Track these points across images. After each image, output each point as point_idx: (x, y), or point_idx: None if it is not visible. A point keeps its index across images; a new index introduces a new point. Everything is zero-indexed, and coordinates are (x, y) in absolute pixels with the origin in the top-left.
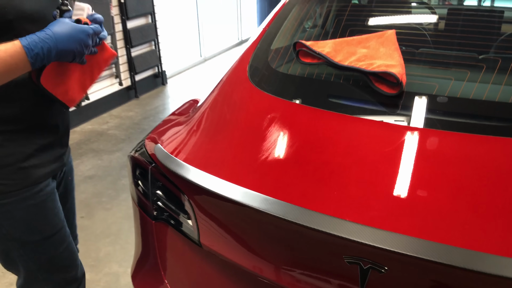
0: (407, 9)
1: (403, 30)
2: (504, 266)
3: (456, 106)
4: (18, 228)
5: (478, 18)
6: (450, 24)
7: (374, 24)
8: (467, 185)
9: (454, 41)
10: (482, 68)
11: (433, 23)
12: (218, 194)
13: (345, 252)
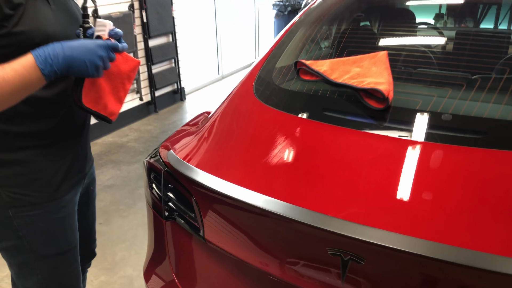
0: (408, 32)
1: (403, 52)
2: (459, 255)
3: (435, 120)
4: (38, 240)
5: (471, 42)
6: (444, 47)
7: (372, 46)
8: (435, 185)
9: (445, 63)
10: (462, 87)
11: (431, 46)
12: (222, 194)
13: (328, 245)
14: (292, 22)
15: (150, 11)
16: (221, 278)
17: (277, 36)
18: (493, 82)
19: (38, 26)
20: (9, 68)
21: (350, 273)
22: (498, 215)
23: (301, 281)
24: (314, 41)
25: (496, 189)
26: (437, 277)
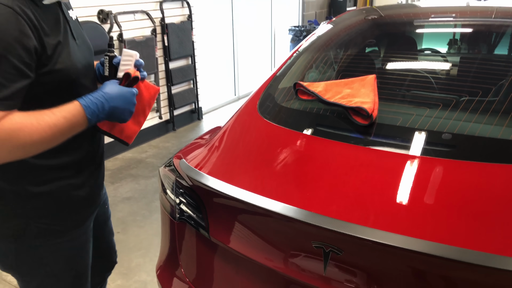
0: (399, 59)
1: (393, 76)
2: (411, 244)
3: (409, 134)
4: (59, 266)
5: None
6: (431, 73)
7: (365, 70)
8: (403, 186)
9: (430, 86)
10: (438, 107)
11: (422, 72)
12: (227, 196)
13: (312, 239)
14: (296, 48)
15: (171, 36)
16: (224, 272)
17: (283, 61)
18: (465, 103)
19: (72, 63)
20: (60, 115)
21: (332, 262)
22: (457, 211)
23: (291, 271)
24: (313, 65)
25: (457, 192)
26: (400, 264)
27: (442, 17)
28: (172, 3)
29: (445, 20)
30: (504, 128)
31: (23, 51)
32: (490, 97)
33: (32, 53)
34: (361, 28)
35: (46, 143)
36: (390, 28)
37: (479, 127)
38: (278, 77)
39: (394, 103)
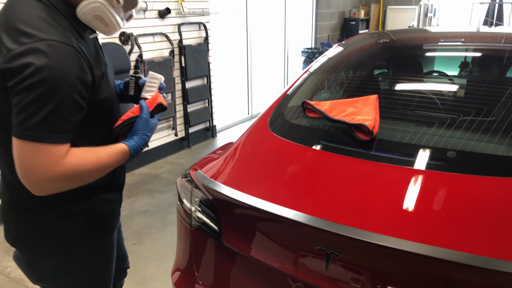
0: (401, 81)
1: (399, 96)
2: (403, 245)
3: (406, 149)
4: (89, 275)
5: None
6: (436, 93)
7: (368, 91)
8: (397, 194)
9: (429, 106)
10: (434, 124)
11: (422, 93)
12: (239, 202)
13: (316, 242)
14: (306, 69)
15: (188, 57)
16: (235, 274)
17: (292, 81)
18: (458, 122)
19: (111, 90)
20: (113, 154)
21: (333, 263)
22: (444, 216)
23: (296, 271)
24: (322, 86)
25: (443, 199)
26: (393, 264)
27: (448, 42)
28: (190, 26)
29: (451, 44)
30: (493, 144)
31: (82, 86)
32: (481, 117)
33: (89, 87)
34: (369, 51)
35: (99, 176)
36: (397, 51)
37: (470, 144)
38: (288, 96)
39: (394, 121)
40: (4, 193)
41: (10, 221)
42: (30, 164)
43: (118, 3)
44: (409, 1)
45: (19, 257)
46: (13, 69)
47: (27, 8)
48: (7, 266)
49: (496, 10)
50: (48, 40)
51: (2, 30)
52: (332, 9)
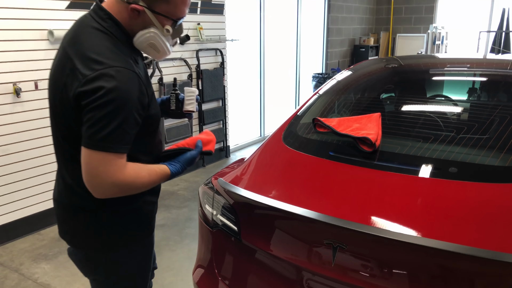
0: (402, 103)
1: (400, 116)
2: (398, 236)
3: (405, 160)
4: (134, 269)
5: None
6: (437, 114)
7: (374, 110)
8: (393, 196)
9: (429, 125)
10: (429, 139)
11: (423, 113)
12: (257, 203)
13: (324, 237)
14: (316, 91)
15: (205, 80)
16: (252, 269)
17: (304, 101)
18: (450, 138)
19: (158, 107)
20: (159, 172)
21: (339, 255)
22: (430, 212)
23: (306, 263)
24: (330, 106)
25: (432, 199)
26: (390, 253)
27: (452, 68)
28: (207, 51)
29: (454, 70)
30: (471, 155)
31: (140, 106)
32: (470, 134)
33: (145, 106)
34: (375, 74)
35: (145, 189)
36: (401, 75)
37: (460, 156)
38: (299, 115)
39: (396, 137)
40: (64, 196)
41: (68, 221)
42: (98, 170)
43: (168, 32)
44: (418, 29)
45: (74, 253)
46: (88, 91)
47: (95, 39)
48: (35, 273)
49: (503, 38)
50: (115, 66)
51: (75, 58)
52: (343, 36)
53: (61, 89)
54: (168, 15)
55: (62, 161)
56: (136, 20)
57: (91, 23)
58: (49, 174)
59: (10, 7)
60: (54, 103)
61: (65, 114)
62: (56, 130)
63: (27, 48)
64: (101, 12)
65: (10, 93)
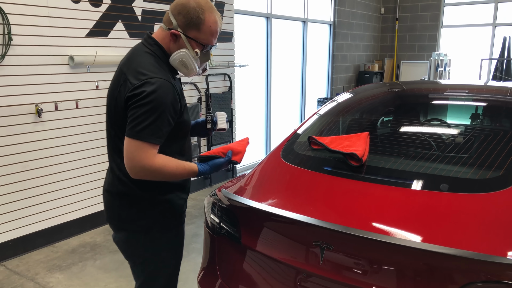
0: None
1: (401, 136)
2: (376, 236)
3: (386, 172)
4: (168, 254)
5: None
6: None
7: (364, 130)
8: (372, 203)
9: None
10: (411, 155)
11: (418, 134)
12: (257, 209)
13: (314, 239)
14: (314, 112)
15: (214, 104)
16: (251, 270)
17: (302, 122)
18: (429, 155)
19: (189, 118)
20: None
21: (326, 255)
22: (401, 215)
23: (298, 263)
24: (325, 125)
25: (404, 206)
26: (369, 252)
27: (443, 93)
28: (216, 76)
29: (445, 95)
30: (438, 169)
31: (173, 110)
32: (442, 152)
33: (177, 111)
34: (369, 97)
35: (173, 178)
36: (397, 99)
37: (436, 170)
38: (297, 134)
39: (381, 154)
40: (113, 185)
41: (114, 207)
42: (133, 155)
43: (196, 55)
44: (421, 56)
45: (118, 237)
46: (133, 95)
47: (144, 59)
48: (49, 282)
49: (505, 65)
50: (156, 77)
51: (127, 73)
52: (348, 63)
53: (116, 96)
54: (198, 40)
55: (112, 156)
56: (174, 43)
57: (142, 48)
58: (64, 190)
59: (35, 35)
60: (110, 108)
61: (116, 115)
62: (110, 129)
63: (49, 72)
64: (150, 39)
65: (32, 113)
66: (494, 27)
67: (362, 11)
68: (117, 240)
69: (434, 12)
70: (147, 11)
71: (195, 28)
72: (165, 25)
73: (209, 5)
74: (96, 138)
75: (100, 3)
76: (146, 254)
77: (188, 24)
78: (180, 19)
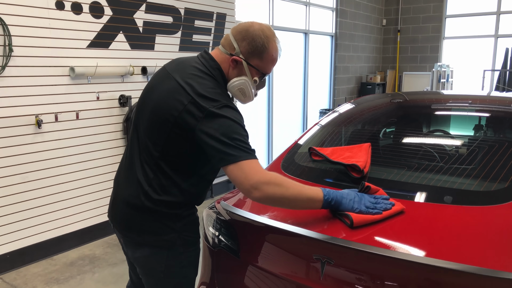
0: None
1: (389, 147)
2: (375, 250)
3: (388, 184)
4: (190, 268)
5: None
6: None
7: (366, 141)
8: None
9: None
10: (413, 167)
11: (419, 145)
12: (255, 223)
13: (313, 252)
14: (316, 123)
15: None
16: (248, 283)
17: (303, 133)
18: (429, 167)
19: None
20: (307, 192)
21: (326, 270)
22: (401, 229)
23: (299, 278)
24: (326, 136)
25: (404, 219)
26: (370, 267)
27: (445, 104)
28: None
29: (447, 106)
30: (441, 181)
31: (246, 133)
32: (446, 163)
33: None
34: (370, 108)
35: (293, 203)
36: (398, 109)
37: (440, 181)
38: (298, 145)
39: (383, 166)
40: (137, 199)
41: (136, 220)
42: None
43: (255, 83)
44: (423, 68)
45: (138, 253)
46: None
47: (207, 82)
48: None
49: (507, 77)
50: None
51: (194, 95)
52: (350, 74)
53: (173, 113)
54: (259, 68)
55: (142, 168)
56: (233, 69)
57: (203, 69)
58: (64, 202)
59: (36, 46)
60: (155, 122)
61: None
62: (148, 144)
63: (50, 83)
64: (212, 62)
65: (32, 125)
66: (496, 39)
67: (363, 23)
68: (137, 256)
69: (436, 24)
70: (148, 22)
71: (258, 57)
72: (226, 49)
73: (272, 32)
74: (96, 149)
75: (101, 15)
76: (169, 270)
77: (252, 52)
78: (244, 45)
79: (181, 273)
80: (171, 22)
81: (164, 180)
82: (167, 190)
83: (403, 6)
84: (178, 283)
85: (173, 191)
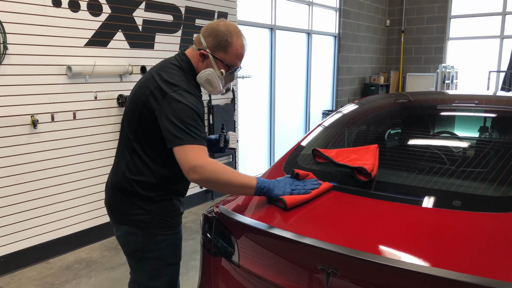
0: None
1: (398, 149)
2: (387, 261)
3: (397, 188)
4: (168, 252)
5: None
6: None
7: (372, 142)
8: (382, 223)
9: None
10: (424, 170)
11: (424, 147)
12: (255, 229)
13: (318, 262)
14: (319, 124)
15: (216, 116)
16: None
17: (306, 134)
18: (439, 170)
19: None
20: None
21: (332, 281)
22: (414, 238)
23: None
24: (330, 138)
25: (415, 225)
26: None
27: (452, 104)
28: None
29: (454, 106)
30: (447, 185)
31: (200, 120)
32: (453, 166)
33: (204, 121)
34: (375, 109)
35: (227, 188)
36: (401, 111)
37: (453, 186)
38: (300, 146)
39: (392, 169)
40: (117, 183)
41: (116, 203)
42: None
43: (221, 75)
44: (428, 69)
45: (119, 231)
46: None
47: (175, 71)
48: None
49: None
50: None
51: (159, 82)
52: (353, 75)
53: (144, 100)
54: (224, 61)
55: (122, 152)
56: (202, 63)
57: (174, 62)
58: (60, 204)
59: (32, 44)
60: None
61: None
62: (127, 131)
63: (46, 82)
64: (183, 56)
65: (28, 125)
66: (502, 39)
67: (367, 23)
68: (118, 234)
69: (440, 24)
70: (148, 21)
71: (223, 50)
72: (196, 46)
73: (237, 30)
74: (94, 150)
75: (100, 13)
76: (146, 250)
77: (217, 46)
78: (210, 40)
79: (158, 255)
80: (172, 21)
81: (138, 161)
82: (140, 171)
83: (407, 7)
84: (157, 266)
85: (145, 171)
